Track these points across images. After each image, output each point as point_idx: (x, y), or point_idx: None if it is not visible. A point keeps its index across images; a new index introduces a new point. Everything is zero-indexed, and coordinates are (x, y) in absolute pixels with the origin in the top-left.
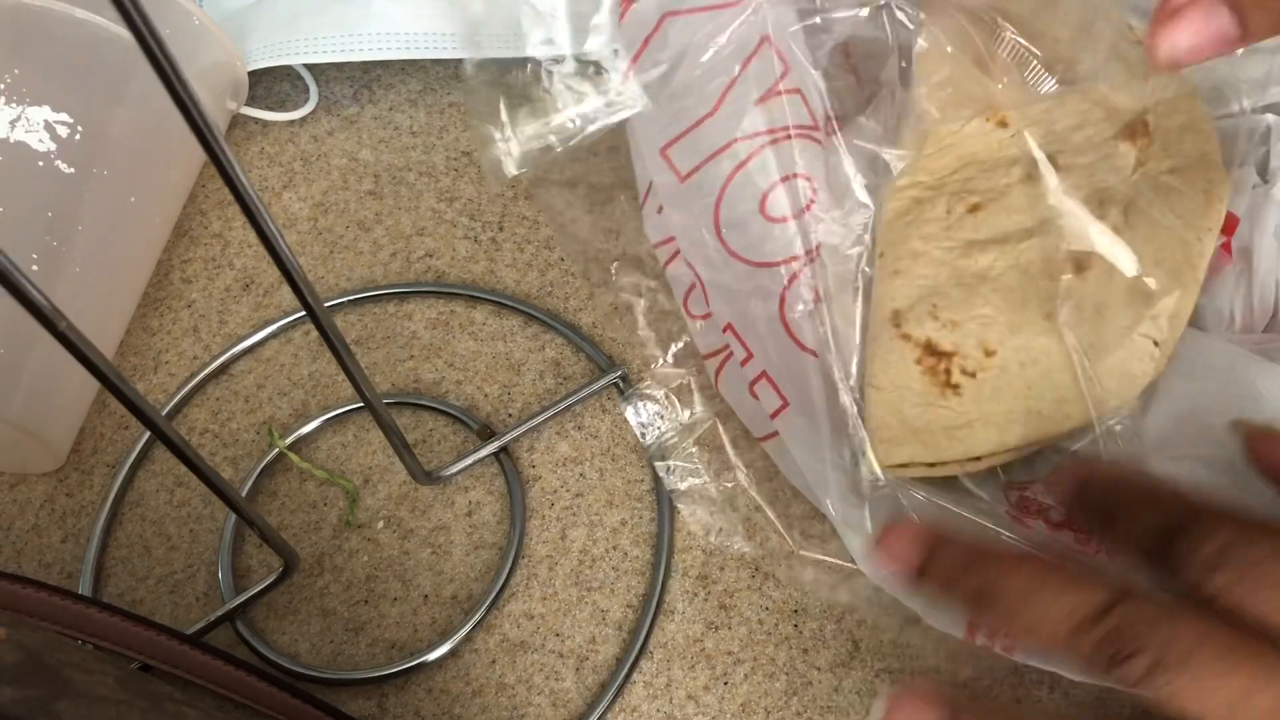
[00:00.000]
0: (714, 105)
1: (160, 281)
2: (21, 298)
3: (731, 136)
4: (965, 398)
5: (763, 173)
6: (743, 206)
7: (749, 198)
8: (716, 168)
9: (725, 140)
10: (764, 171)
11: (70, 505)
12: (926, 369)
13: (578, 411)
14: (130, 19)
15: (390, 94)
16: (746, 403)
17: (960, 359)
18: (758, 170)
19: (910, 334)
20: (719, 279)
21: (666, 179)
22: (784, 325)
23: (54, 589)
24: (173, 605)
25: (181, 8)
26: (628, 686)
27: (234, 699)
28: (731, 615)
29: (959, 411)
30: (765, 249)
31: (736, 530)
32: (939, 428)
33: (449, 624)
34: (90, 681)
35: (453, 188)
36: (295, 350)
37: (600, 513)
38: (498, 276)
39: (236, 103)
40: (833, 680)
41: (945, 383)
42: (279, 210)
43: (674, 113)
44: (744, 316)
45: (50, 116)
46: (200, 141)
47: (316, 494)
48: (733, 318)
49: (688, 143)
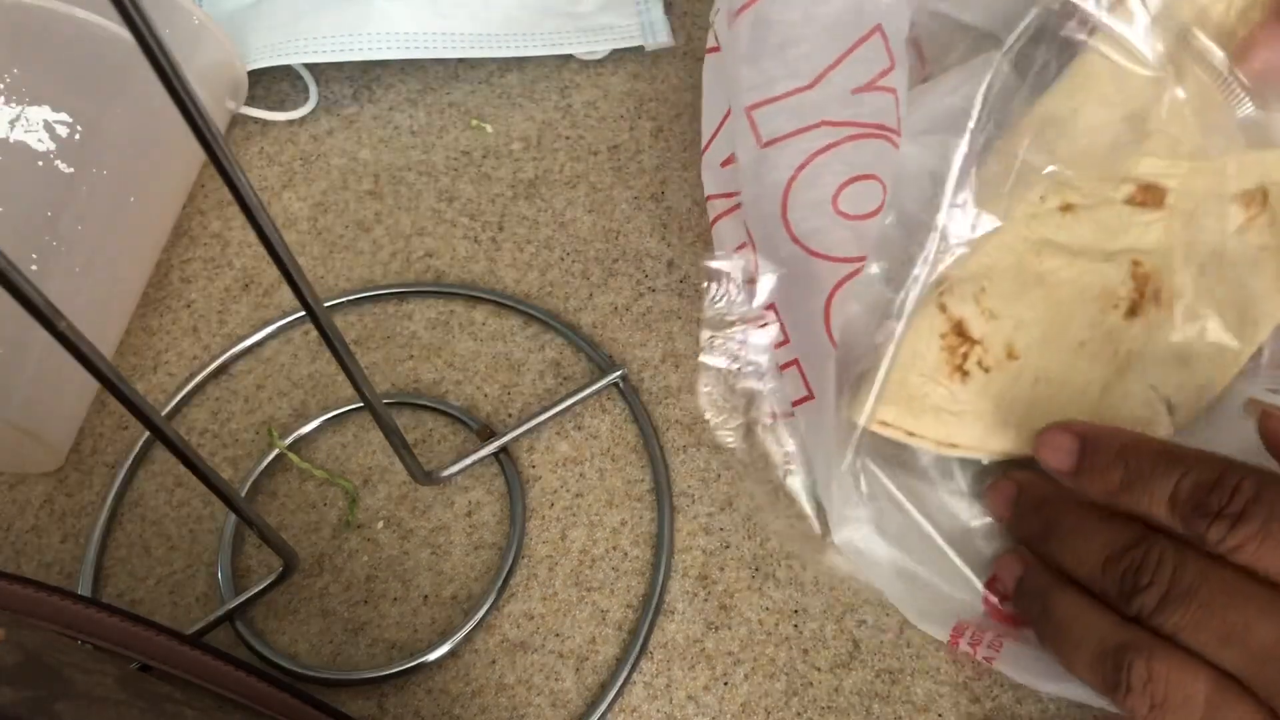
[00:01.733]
0: (811, 80)
1: (160, 281)
2: (21, 298)
3: (822, 118)
4: (970, 389)
5: (844, 164)
6: (815, 193)
7: (824, 185)
8: (799, 144)
9: (815, 120)
10: (845, 163)
11: (70, 505)
12: (947, 347)
13: (578, 411)
14: (130, 19)
15: (390, 94)
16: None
17: (982, 351)
18: (839, 160)
19: (948, 306)
20: (774, 255)
21: (746, 139)
22: (825, 321)
23: (54, 589)
24: (172, 605)
25: (181, 8)
26: (628, 687)
27: (233, 699)
28: (731, 615)
29: (959, 399)
30: (829, 241)
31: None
32: (932, 405)
33: (449, 624)
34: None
35: (452, 188)
36: (295, 350)
37: (600, 513)
38: (498, 276)
39: (236, 103)
40: (833, 680)
41: (958, 367)
42: (279, 210)
43: (768, 73)
44: (789, 300)
45: (50, 116)
46: (200, 141)
47: (316, 494)
48: (778, 298)
49: (776, 109)
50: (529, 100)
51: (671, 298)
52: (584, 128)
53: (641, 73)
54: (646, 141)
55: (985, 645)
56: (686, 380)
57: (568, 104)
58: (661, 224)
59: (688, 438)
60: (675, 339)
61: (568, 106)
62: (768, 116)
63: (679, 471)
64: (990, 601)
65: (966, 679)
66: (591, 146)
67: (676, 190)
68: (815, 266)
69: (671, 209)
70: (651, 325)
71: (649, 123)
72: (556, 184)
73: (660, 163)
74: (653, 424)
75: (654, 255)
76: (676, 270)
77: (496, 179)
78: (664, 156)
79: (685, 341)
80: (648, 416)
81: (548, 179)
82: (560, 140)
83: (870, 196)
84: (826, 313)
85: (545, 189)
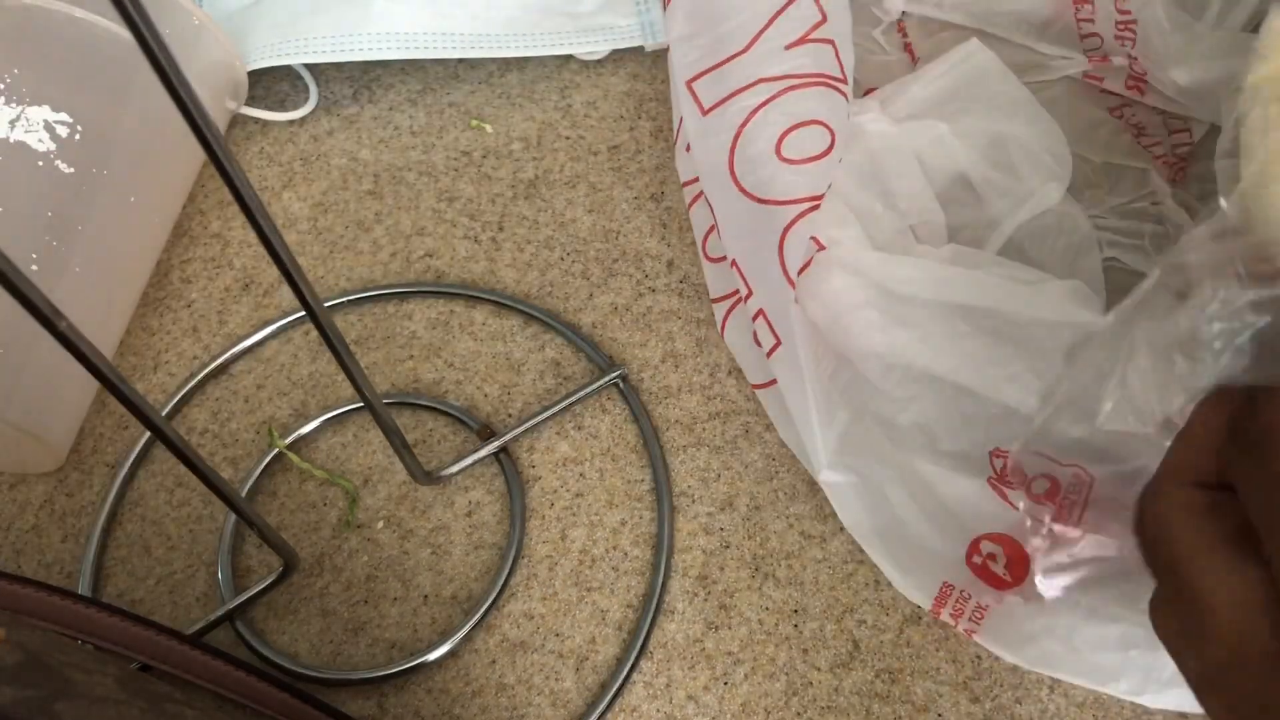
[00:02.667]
0: (746, 44)
1: (160, 281)
2: (21, 298)
3: (758, 76)
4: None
5: (783, 114)
6: (759, 146)
7: (766, 137)
8: (739, 103)
9: (751, 79)
10: (784, 113)
11: (70, 505)
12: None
13: (578, 411)
14: (130, 19)
15: (390, 94)
16: (750, 349)
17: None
18: (778, 111)
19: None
20: (730, 214)
21: (690, 111)
22: (781, 261)
23: (54, 589)
24: (173, 605)
25: (181, 8)
26: (628, 686)
27: (234, 699)
28: (731, 615)
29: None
30: (775, 187)
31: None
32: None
33: (449, 624)
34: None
35: (452, 188)
36: (295, 350)
37: (600, 513)
38: (498, 276)
39: (236, 103)
40: (833, 680)
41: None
42: (279, 210)
43: (705, 46)
44: (748, 253)
45: (50, 116)
46: (200, 141)
47: (316, 494)
48: (738, 254)
49: (714, 77)
50: (529, 100)
51: (671, 298)
52: (584, 128)
53: (641, 73)
54: (646, 141)
55: (967, 617)
56: (686, 380)
57: (568, 104)
58: (661, 224)
59: (688, 438)
60: (675, 339)
61: (568, 106)
62: (706, 86)
63: (679, 471)
64: (973, 561)
65: (966, 679)
66: (591, 146)
67: (676, 190)
68: (764, 212)
69: (671, 209)
70: (651, 325)
71: (649, 123)
72: (556, 184)
73: (660, 163)
74: (653, 424)
75: (654, 255)
76: (676, 270)
77: (496, 179)
78: (664, 156)
79: (685, 341)
80: (648, 416)
81: (548, 179)
82: (560, 140)
83: (815, 140)
84: (781, 253)
85: (545, 189)
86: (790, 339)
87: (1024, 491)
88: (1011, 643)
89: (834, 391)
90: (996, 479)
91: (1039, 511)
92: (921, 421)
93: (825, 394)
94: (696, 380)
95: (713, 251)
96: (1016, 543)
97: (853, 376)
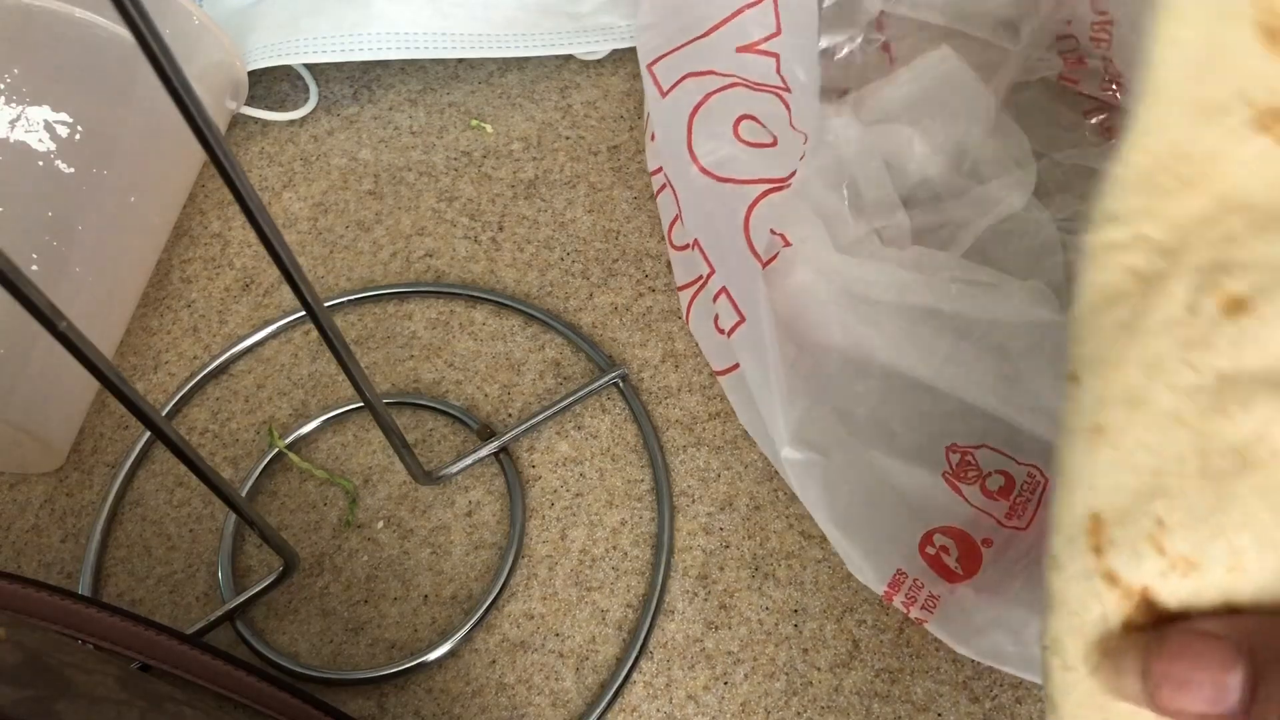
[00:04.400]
0: (703, 33)
1: (160, 281)
2: (21, 298)
3: (710, 67)
4: None
5: (738, 102)
6: (715, 126)
7: (724, 117)
8: (695, 85)
9: (706, 68)
10: (739, 102)
11: (70, 505)
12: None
13: (578, 411)
14: (130, 19)
15: (390, 94)
16: (712, 335)
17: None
18: (733, 99)
19: (1117, 575)
20: (691, 194)
21: (651, 93)
22: (746, 237)
23: (54, 589)
24: (173, 605)
25: (181, 8)
26: (628, 686)
27: (234, 699)
28: (731, 615)
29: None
30: (735, 166)
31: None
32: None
33: (449, 624)
34: (90, 682)
35: (453, 188)
36: (295, 350)
37: (600, 513)
38: (498, 276)
39: (236, 103)
40: (833, 680)
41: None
42: (279, 210)
43: (666, 33)
44: (710, 232)
45: (50, 116)
46: (200, 141)
47: (316, 494)
48: (701, 234)
49: (672, 60)
50: (529, 100)
51: (671, 297)
52: (584, 128)
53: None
54: (646, 141)
55: (919, 605)
56: (686, 380)
57: (568, 104)
58: (661, 224)
59: (688, 438)
60: (675, 339)
61: (568, 106)
62: (665, 68)
63: (679, 471)
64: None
65: (966, 679)
66: (591, 146)
67: None
68: (726, 190)
69: None
70: (651, 325)
71: None
72: (556, 184)
73: None
74: (652, 424)
75: (654, 255)
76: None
77: (496, 179)
78: None
79: (685, 341)
80: (648, 416)
81: (548, 179)
82: (560, 140)
83: (762, 134)
84: (746, 230)
85: (545, 189)
86: (755, 314)
87: (978, 487)
88: (962, 634)
89: (795, 379)
90: (951, 474)
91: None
92: (879, 415)
93: (788, 374)
94: (696, 380)
95: (678, 240)
96: (969, 536)
97: (814, 365)
